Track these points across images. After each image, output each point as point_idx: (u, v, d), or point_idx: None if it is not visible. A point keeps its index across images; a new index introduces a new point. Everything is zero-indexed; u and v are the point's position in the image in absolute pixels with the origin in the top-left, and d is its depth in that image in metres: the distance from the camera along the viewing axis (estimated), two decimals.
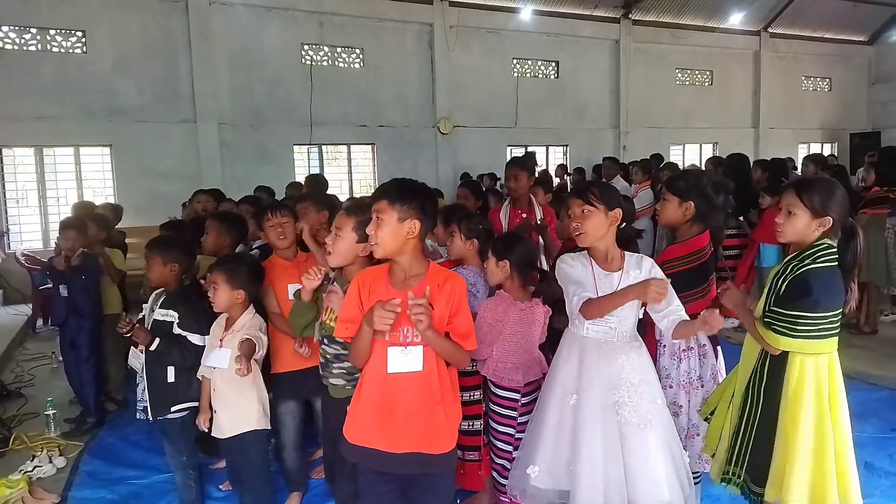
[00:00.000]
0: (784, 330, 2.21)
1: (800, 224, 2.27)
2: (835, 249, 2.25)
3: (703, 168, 7.14)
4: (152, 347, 2.94)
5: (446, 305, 2.13)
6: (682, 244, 2.73)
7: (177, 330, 3.00)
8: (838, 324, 2.26)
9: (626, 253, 2.47)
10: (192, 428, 3.09)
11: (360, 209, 2.49)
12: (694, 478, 2.77)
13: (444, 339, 2.12)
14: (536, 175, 5.32)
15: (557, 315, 2.83)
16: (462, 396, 3.10)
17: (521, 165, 4.58)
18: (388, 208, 2.08)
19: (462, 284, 2.19)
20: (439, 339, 2.08)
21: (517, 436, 2.82)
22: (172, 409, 3.03)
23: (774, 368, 2.31)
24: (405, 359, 2.10)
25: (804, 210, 2.26)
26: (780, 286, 2.26)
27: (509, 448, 2.86)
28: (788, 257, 2.31)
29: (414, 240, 2.11)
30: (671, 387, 2.68)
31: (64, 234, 4.33)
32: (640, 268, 2.40)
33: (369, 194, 5.36)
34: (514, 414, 2.87)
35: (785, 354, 2.26)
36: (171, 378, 3.02)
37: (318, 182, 6.20)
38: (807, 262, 2.23)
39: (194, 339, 2.99)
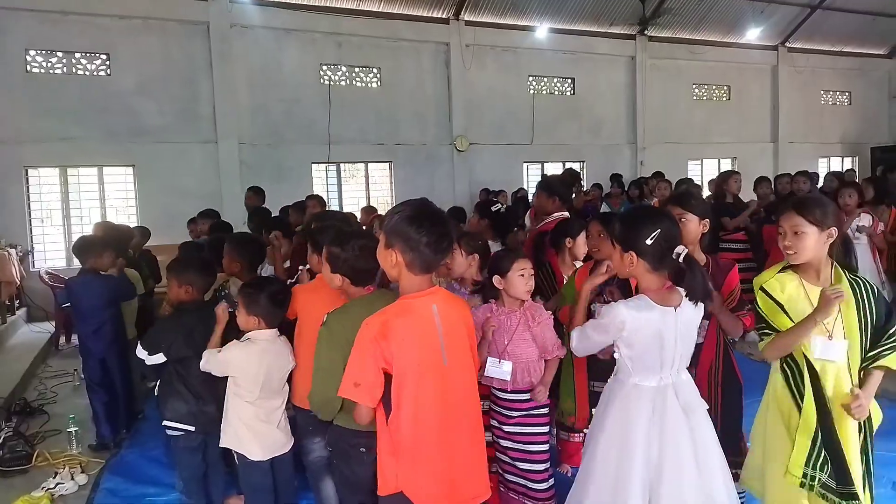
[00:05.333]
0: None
1: (811, 241, 2.28)
2: None
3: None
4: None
5: None
6: (735, 267, 2.73)
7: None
8: None
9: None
10: (187, 455, 3.19)
11: (332, 240, 2.54)
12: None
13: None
14: (574, 194, 5.35)
15: None
16: None
17: (540, 185, 4.61)
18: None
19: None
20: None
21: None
22: (163, 422, 3.18)
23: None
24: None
25: (810, 226, 2.28)
26: (877, 310, 2.32)
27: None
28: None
29: (398, 268, 2.08)
30: None
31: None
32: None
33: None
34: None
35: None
36: (155, 392, 3.25)
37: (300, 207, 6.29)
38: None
39: (139, 352, 3.14)
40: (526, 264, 2.85)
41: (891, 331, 2.28)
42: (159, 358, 3.07)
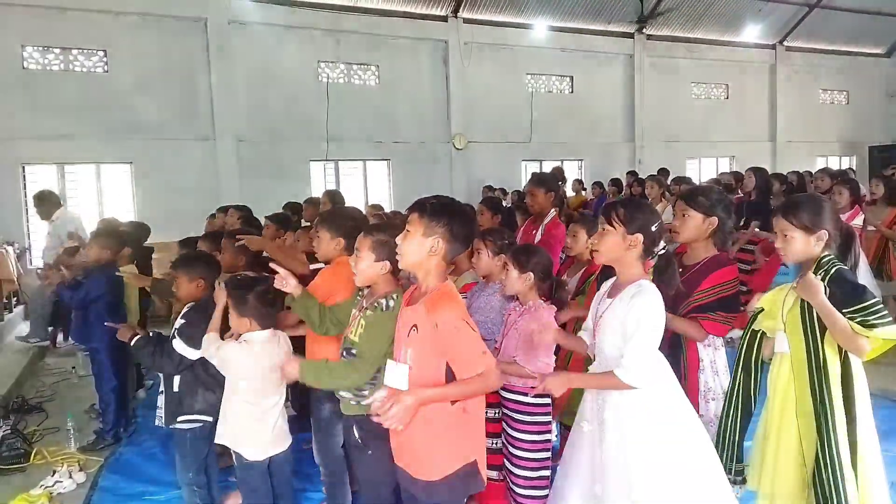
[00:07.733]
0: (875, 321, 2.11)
1: (798, 245, 2.28)
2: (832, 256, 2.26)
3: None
4: (132, 343, 3.11)
5: (435, 345, 2.05)
6: (733, 266, 2.72)
7: (175, 335, 3.04)
8: None
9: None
10: (202, 444, 3.12)
11: (377, 229, 2.49)
12: None
13: (442, 389, 2.05)
14: (561, 191, 5.32)
15: None
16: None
17: (536, 181, 4.60)
18: (416, 221, 2.11)
19: (447, 319, 2.03)
20: (433, 395, 2.03)
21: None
22: (178, 419, 3.08)
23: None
24: (394, 373, 2.13)
25: (796, 230, 2.27)
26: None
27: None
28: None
29: (436, 258, 2.11)
30: (714, 399, 2.70)
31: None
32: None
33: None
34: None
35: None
36: (175, 387, 3.08)
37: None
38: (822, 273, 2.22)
39: (181, 347, 2.99)
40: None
41: (858, 306, 2.13)
42: None
